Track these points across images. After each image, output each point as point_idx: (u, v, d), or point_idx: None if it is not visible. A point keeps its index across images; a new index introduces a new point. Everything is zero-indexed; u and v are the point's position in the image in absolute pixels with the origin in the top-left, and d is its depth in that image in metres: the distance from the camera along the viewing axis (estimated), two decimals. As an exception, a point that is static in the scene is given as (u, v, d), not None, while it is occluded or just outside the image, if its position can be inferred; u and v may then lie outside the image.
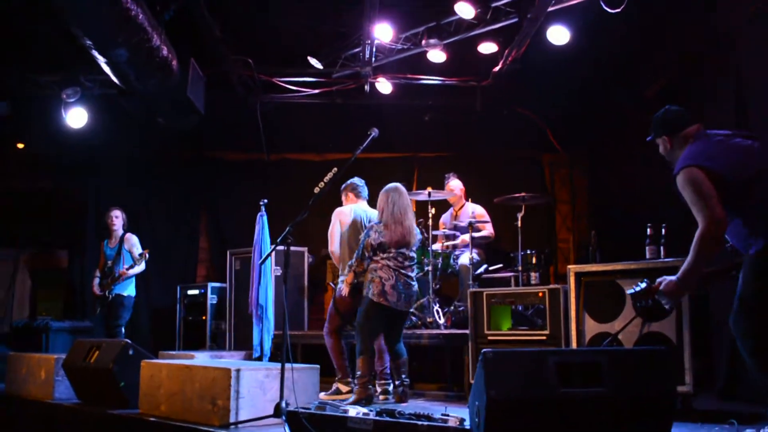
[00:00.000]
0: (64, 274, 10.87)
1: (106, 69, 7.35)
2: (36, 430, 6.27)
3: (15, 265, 11.12)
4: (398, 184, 6.35)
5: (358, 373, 6.09)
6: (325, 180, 6.56)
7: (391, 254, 6.12)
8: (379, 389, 6.24)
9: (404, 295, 6.13)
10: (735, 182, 3.81)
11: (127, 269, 8.35)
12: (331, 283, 8.76)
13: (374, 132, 5.43)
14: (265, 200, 7.55)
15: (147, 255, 8.36)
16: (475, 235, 7.92)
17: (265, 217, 7.64)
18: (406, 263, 6.20)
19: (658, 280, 3.95)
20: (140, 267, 8.44)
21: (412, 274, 6.28)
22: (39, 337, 8.88)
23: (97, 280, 8.56)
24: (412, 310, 7.51)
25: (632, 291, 4.07)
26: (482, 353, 3.56)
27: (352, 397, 6.04)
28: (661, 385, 3.58)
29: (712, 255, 3.72)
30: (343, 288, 6.41)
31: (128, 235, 8.63)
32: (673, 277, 3.86)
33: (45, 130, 9.50)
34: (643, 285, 3.99)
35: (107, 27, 6.53)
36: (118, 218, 8.68)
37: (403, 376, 6.33)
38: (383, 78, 9.18)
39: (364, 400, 5.94)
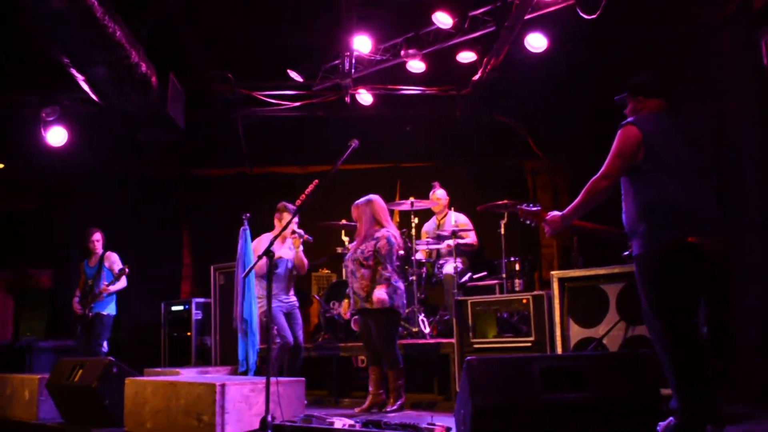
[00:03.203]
0: (48, 294, 10.80)
1: (85, 87, 7.34)
2: (20, 452, 6.23)
3: (-3, 286, 11.04)
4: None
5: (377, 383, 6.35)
6: (306, 192, 6.56)
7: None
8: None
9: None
10: (658, 163, 3.98)
11: (108, 285, 8.31)
12: (316, 296, 8.73)
13: (355, 143, 5.43)
14: (248, 214, 7.53)
15: (127, 270, 8.33)
16: (459, 242, 7.93)
17: (248, 231, 7.61)
18: None
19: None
20: (121, 283, 8.40)
21: None
22: (22, 358, 8.81)
23: (77, 299, 8.52)
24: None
25: (524, 207, 4.53)
26: (466, 361, 3.58)
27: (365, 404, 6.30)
28: (645, 387, 3.60)
29: (594, 202, 4.09)
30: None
31: (108, 252, 8.62)
32: (559, 212, 4.29)
33: (25, 150, 9.45)
34: (536, 209, 4.49)
35: (85, 45, 6.51)
36: (98, 241, 8.68)
37: None
38: (363, 89, 9.17)
39: (376, 406, 6.24)
